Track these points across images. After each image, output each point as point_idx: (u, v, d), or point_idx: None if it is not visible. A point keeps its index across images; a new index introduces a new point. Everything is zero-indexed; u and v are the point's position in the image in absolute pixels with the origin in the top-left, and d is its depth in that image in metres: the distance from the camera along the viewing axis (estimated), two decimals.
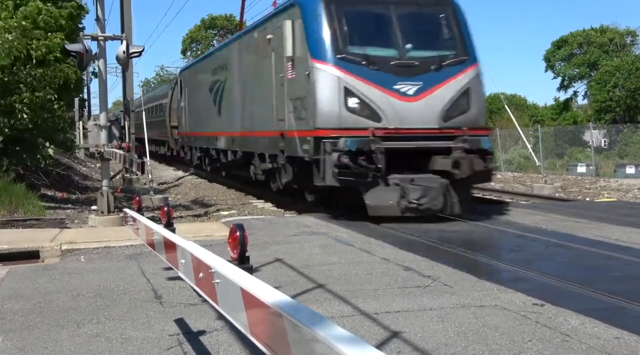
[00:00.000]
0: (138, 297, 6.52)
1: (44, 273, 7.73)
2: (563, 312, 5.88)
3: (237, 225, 3.91)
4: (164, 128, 33.55)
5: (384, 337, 5.20)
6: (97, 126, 13.24)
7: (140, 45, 13.39)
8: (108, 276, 7.48)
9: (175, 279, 7.01)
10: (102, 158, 13.42)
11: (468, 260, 8.54)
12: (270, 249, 8.93)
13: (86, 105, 38.16)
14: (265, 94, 14.70)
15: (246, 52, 17.09)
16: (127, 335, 5.29)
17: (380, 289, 6.76)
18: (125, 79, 23.05)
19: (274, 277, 7.21)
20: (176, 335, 5.28)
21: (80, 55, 12.07)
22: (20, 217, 12.69)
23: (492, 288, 6.79)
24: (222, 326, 5.41)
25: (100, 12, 13.19)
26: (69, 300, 6.44)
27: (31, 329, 5.46)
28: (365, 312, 5.91)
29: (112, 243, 9.44)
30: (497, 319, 5.68)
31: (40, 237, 9.70)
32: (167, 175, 30.87)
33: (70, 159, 31.20)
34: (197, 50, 78.05)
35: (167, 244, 4.69)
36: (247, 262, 3.89)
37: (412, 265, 7.93)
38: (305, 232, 10.58)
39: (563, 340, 5.09)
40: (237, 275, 3.06)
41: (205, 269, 3.49)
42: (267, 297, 2.62)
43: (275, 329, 2.48)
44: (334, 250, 9.02)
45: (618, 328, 5.39)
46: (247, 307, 2.83)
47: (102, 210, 12.96)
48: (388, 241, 9.72)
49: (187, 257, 3.94)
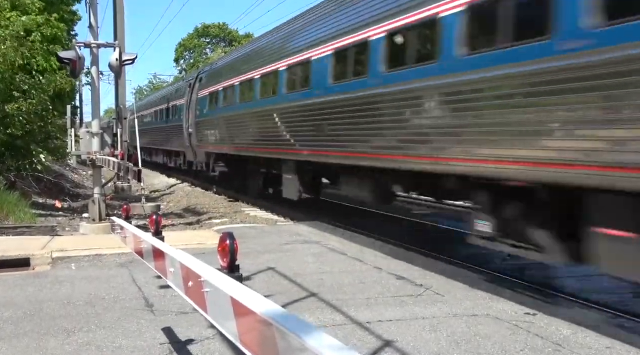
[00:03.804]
0: (129, 305, 6.48)
1: (35, 281, 7.68)
2: (555, 321, 5.89)
3: (227, 233, 3.89)
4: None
5: (376, 346, 5.19)
6: (89, 133, 13.20)
7: (133, 53, 13.40)
8: (99, 284, 7.44)
9: (166, 287, 6.96)
10: (93, 165, 13.37)
11: (460, 269, 8.55)
12: (263, 258, 8.91)
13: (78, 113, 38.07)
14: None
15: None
16: (117, 343, 5.26)
17: (372, 298, 6.75)
18: (117, 86, 23.01)
19: (266, 286, 7.19)
20: (167, 344, 5.25)
21: (73, 63, 12.05)
22: (11, 224, 12.61)
23: (484, 297, 6.79)
24: (214, 335, 5.39)
25: (93, 20, 13.20)
26: (59, 308, 6.40)
27: (21, 337, 5.42)
28: (358, 321, 5.90)
29: (103, 251, 9.39)
30: (489, 328, 5.68)
31: (31, 244, 9.64)
32: (159, 183, 30.79)
33: (62, 167, 31.07)
34: (190, 58, 78.05)
35: (155, 252, 4.65)
36: (237, 271, 3.86)
37: (405, 274, 7.93)
38: (297, 241, 10.57)
39: (555, 350, 5.10)
40: (227, 283, 3.04)
41: (194, 278, 3.46)
42: (257, 305, 2.61)
43: (265, 338, 2.47)
44: (326, 258, 9.01)
45: (609, 337, 5.40)
46: (237, 315, 2.81)
47: (94, 218, 12.91)
48: (381, 250, 9.72)
49: (176, 265, 3.91)
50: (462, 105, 7.47)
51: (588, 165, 5.68)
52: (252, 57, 17.36)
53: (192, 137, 23.42)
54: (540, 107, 6.22)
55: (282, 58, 14.22)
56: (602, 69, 5.52)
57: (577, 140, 5.88)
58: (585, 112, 5.75)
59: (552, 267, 8.88)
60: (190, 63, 75.90)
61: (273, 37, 16.28)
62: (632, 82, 5.23)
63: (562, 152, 6.00)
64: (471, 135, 7.30)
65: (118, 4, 22.47)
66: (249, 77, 16.74)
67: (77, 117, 34.90)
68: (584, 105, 5.75)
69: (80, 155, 14.28)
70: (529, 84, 6.42)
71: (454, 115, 7.66)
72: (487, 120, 7.07)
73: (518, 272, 8.96)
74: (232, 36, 74.60)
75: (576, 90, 5.81)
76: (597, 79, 5.58)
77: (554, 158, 6.06)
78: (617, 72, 5.37)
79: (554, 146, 6.12)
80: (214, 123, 20.46)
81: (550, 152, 6.13)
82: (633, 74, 5.22)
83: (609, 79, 5.46)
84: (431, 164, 8.15)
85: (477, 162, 7.15)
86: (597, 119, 5.63)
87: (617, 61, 5.36)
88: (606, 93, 5.52)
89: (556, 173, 6.04)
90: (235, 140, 18.22)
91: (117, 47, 12.88)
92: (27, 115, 16.50)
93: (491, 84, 6.99)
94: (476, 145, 7.20)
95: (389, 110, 9.34)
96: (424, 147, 8.31)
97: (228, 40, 75.08)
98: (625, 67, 5.30)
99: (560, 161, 5.99)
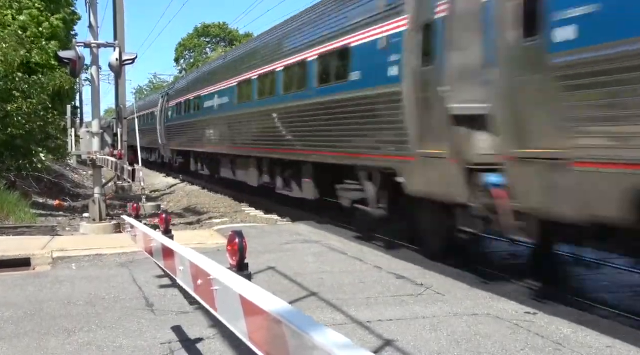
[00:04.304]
0: (129, 305, 6.48)
1: (35, 280, 7.68)
2: (555, 320, 5.89)
3: (236, 232, 3.89)
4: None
5: (377, 345, 5.19)
6: (89, 133, 13.20)
7: (133, 53, 13.41)
8: (99, 284, 7.44)
9: (167, 287, 6.98)
10: (94, 165, 13.38)
11: (460, 269, 8.55)
12: (263, 257, 8.91)
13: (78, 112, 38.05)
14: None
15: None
16: (118, 343, 5.26)
17: (372, 297, 6.75)
18: (117, 86, 22.99)
19: (266, 285, 7.16)
20: (168, 344, 5.24)
21: (73, 63, 12.05)
22: (12, 224, 12.61)
23: (485, 296, 6.79)
24: (215, 334, 5.39)
25: (93, 19, 13.20)
26: (59, 308, 6.40)
27: (21, 337, 5.42)
28: (358, 320, 5.90)
29: (103, 250, 9.39)
30: (490, 327, 5.68)
31: (31, 244, 9.64)
32: (159, 183, 30.78)
33: (62, 166, 31.05)
34: (190, 58, 78.03)
35: (165, 251, 4.67)
36: (246, 269, 3.87)
37: (405, 273, 7.93)
38: (297, 240, 10.57)
39: (555, 349, 5.10)
40: (236, 282, 3.05)
41: (203, 276, 3.47)
42: (266, 304, 2.61)
43: (275, 336, 2.46)
44: (326, 258, 9.01)
45: (609, 337, 5.40)
46: (246, 313, 2.81)
47: (94, 218, 12.91)
48: (380, 249, 9.72)
49: (186, 264, 3.92)
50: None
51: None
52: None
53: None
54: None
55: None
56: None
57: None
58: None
59: (552, 266, 8.88)
60: (190, 62, 75.87)
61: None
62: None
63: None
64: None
65: (118, 4, 22.43)
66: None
67: (77, 117, 34.90)
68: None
69: (81, 155, 14.28)
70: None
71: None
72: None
73: (518, 271, 8.95)
74: (232, 36, 74.61)
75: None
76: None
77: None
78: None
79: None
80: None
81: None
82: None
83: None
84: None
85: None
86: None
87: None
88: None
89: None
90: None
91: (117, 46, 12.89)
92: (27, 114, 16.51)
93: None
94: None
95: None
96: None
97: (228, 40, 75.06)
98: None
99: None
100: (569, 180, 5.80)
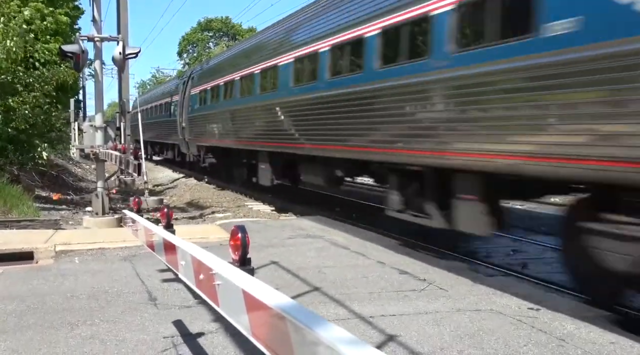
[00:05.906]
0: (132, 299, 6.49)
1: (38, 274, 7.69)
2: (559, 316, 5.88)
3: (239, 226, 3.88)
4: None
5: (380, 340, 5.19)
6: (93, 127, 13.19)
7: (137, 47, 13.36)
8: (102, 278, 7.45)
9: (170, 281, 6.98)
10: (97, 159, 13.37)
11: (463, 264, 8.54)
12: (266, 252, 8.91)
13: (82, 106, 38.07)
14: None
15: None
16: (121, 337, 5.26)
17: (375, 293, 6.75)
18: (121, 80, 22.99)
19: (269, 280, 7.18)
20: (170, 338, 5.25)
21: (77, 57, 12.03)
22: (15, 218, 12.62)
23: (488, 292, 6.78)
24: (217, 328, 5.39)
25: (97, 13, 13.16)
26: (63, 301, 6.40)
27: (25, 331, 5.43)
28: (361, 315, 5.89)
29: (106, 244, 9.40)
30: (493, 323, 5.68)
31: (34, 238, 9.65)
32: (162, 177, 30.80)
33: (65, 160, 31.09)
34: (193, 52, 77.96)
35: (167, 245, 4.66)
36: (249, 264, 3.86)
37: (408, 268, 7.92)
38: (300, 235, 10.57)
39: (559, 345, 5.09)
40: (239, 277, 3.04)
41: (206, 271, 3.46)
42: (270, 299, 2.59)
43: (278, 331, 2.45)
44: (329, 253, 9.01)
45: (613, 333, 5.39)
46: (249, 309, 2.80)
47: (97, 212, 12.91)
48: (384, 244, 9.71)
49: (188, 258, 3.91)
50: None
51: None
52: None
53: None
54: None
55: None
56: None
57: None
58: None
59: (555, 262, 8.86)
60: (193, 57, 75.82)
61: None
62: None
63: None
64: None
65: None
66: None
67: (81, 111, 34.93)
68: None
69: (84, 149, 14.28)
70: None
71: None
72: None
73: (521, 268, 8.94)
74: (236, 30, 74.51)
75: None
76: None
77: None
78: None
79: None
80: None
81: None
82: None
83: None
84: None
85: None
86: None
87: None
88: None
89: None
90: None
91: (121, 40, 12.85)
92: (31, 108, 16.52)
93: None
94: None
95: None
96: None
97: (231, 35, 74.98)
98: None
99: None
100: None
